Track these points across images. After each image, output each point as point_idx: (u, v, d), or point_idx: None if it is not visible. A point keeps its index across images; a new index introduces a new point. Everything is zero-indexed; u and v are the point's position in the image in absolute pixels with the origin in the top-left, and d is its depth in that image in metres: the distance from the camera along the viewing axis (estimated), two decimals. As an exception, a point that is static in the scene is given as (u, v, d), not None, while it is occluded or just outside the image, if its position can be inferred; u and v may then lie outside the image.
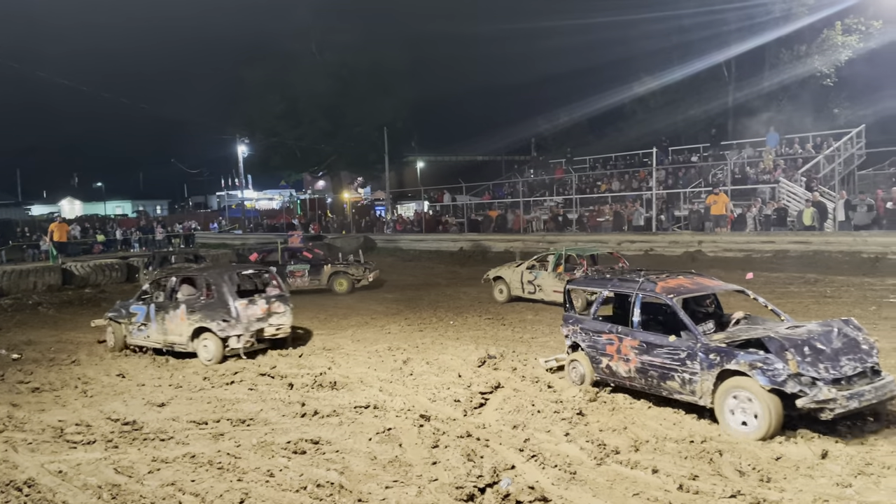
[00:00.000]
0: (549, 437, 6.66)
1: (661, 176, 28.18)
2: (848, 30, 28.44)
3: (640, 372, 7.54)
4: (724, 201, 22.08)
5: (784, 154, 26.85)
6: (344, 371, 9.64)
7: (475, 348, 10.70)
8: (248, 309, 10.93)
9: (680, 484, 5.34)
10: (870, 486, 5.14)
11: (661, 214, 24.78)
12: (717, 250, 20.87)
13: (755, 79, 30.91)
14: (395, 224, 34.97)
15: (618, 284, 8.46)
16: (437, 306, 15.74)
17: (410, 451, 6.38)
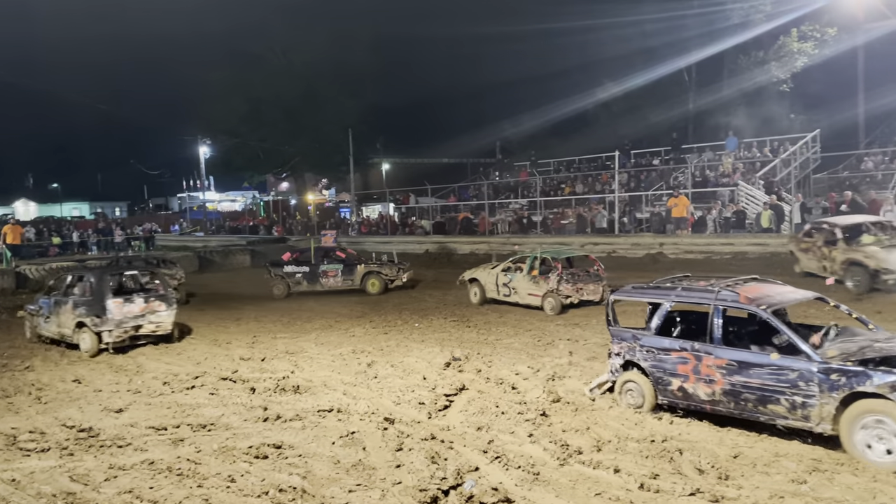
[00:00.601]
0: (513, 438, 6.69)
1: (623, 179, 28.54)
2: (803, 37, 29.15)
3: (730, 395, 6.61)
4: (684, 204, 22.45)
5: (743, 158, 27.40)
6: (307, 375, 9.56)
7: (440, 351, 10.70)
8: (123, 307, 11.83)
9: (641, 483, 5.41)
10: (824, 483, 5.27)
11: (624, 217, 25.09)
12: (678, 252, 21.20)
13: (715, 84, 31.49)
14: (360, 226, 34.80)
15: (686, 294, 7.47)
16: (402, 309, 15.69)
17: (374, 454, 6.35)
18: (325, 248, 20.68)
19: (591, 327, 12.29)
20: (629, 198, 26.61)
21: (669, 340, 7.33)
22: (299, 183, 44.23)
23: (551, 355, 10.22)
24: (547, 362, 9.68)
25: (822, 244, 15.33)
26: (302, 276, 18.85)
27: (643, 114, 32.85)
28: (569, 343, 11.09)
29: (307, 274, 18.84)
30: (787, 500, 4.97)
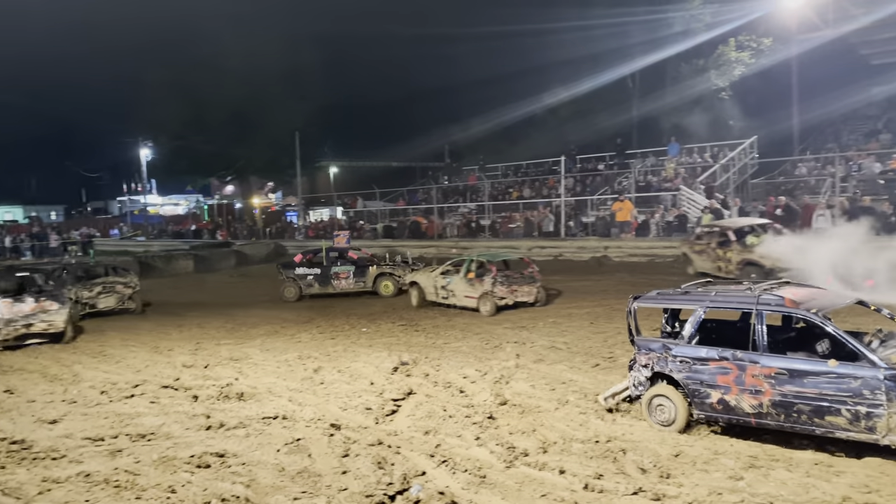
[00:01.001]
0: (461, 441, 6.70)
1: (569, 183, 28.93)
2: (741, 46, 30.09)
3: (781, 407, 6.14)
4: (628, 208, 22.92)
5: (684, 163, 28.10)
6: (252, 381, 9.39)
7: (388, 355, 10.65)
8: (12, 307, 12.36)
9: (585, 483, 5.48)
10: (759, 479, 5.43)
11: (570, 221, 25.45)
12: (622, 255, 21.60)
13: (658, 91, 32.24)
14: (307, 230, 34.42)
15: (722, 300, 7.02)
16: (349, 313, 15.58)
17: (320, 460, 6.28)
18: (338, 248, 20.26)
19: (538, 330, 12.42)
20: (575, 202, 27.01)
21: (707, 349, 6.76)
22: (244, 186, 43.52)
23: (499, 358, 10.28)
24: (494, 365, 9.73)
25: (716, 246, 16.50)
26: (313, 278, 18.49)
27: (589, 119, 33.38)
28: (516, 346, 11.17)
29: (319, 276, 18.48)
30: (725, 496, 5.11)
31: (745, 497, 5.09)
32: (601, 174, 30.25)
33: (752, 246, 15.67)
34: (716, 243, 16.68)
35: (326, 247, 19.42)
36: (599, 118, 32.91)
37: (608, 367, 9.36)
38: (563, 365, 9.63)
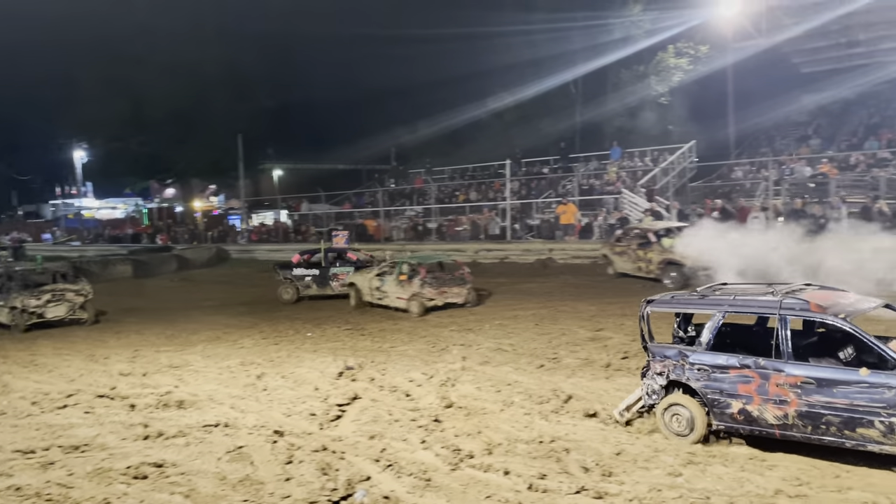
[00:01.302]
0: (406, 445, 6.68)
1: (514, 187, 29.21)
2: (679, 53, 30.93)
3: (808, 418, 5.80)
4: (572, 211, 23.28)
5: (626, 167, 28.70)
6: (192, 389, 9.17)
7: (333, 360, 10.55)
8: None
9: (530, 483, 5.52)
10: (697, 474, 5.57)
11: (515, 224, 25.71)
12: (566, 257, 21.90)
13: (599, 97, 32.86)
14: (250, 234, 33.84)
15: (742, 304, 6.60)
16: (294, 318, 15.38)
17: (262, 468, 6.18)
18: (337, 249, 19.87)
19: (485, 332, 12.48)
20: (521, 205, 27.29)
21: (726, 356, 6.38)
22: (186, 189, 42.50)
23: (445, 361, 10.29)
24: (440, 368, 9.74)
25: (637, 247, 17.37)
26: (311, 280, 18.10)
27: (533, 124, 33.78)
28: (462, 348, 11.21)
29: (317, 277, 18.08)
30: (665, 492, 5.22)
31: (684, 493, 5.21)
32: (546, 178, 30.63)
33: (670, 247, 16.52)
34: (636, 244, 17.56)
35: (325, 247, 19.12)
36: (544, 123, 33.35)
37: (553, 368, 9.48)
38: (509, 366, 9.70)
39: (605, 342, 10.97)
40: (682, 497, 5.13)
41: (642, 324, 7.23)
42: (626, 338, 11.18)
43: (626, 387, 8.18)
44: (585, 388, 8.31)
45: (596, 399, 7.83)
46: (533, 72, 32.56)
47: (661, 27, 30.09)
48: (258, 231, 34.07)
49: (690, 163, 28.09)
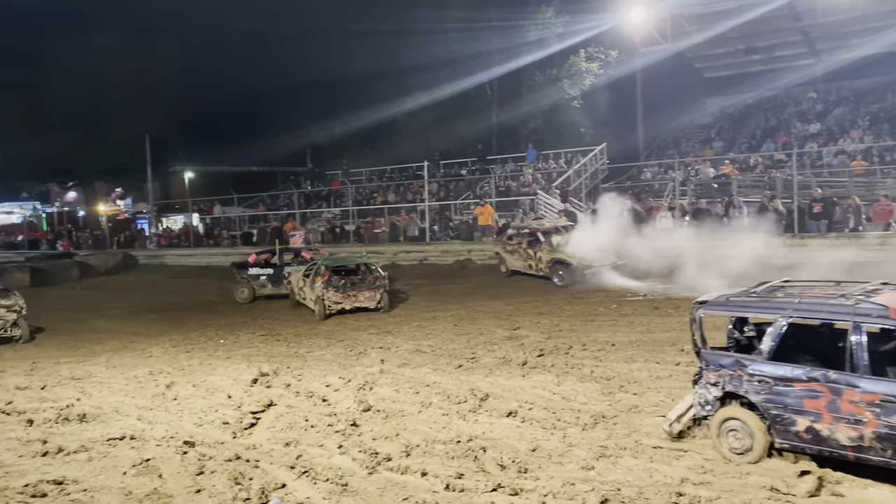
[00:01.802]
0: (322, 451, 6.58)
1: (433, 188, 29.31)
2: (590, 57, 31.84)
3: (888, 441, 5.09)
4: (489, 212, 23.54)
5: (541, 168, 29.28)
6: (96, 401, 8.73)
7: (247, 367, 10.28)
8: None
9: (447, 484, 5.53)
10: (609, 467, 5.72)
11: (434, 225, 25.79)
12: (484, 258, 22.11)
13: (515, 100, 33.44)
14: (159, 238, 32.55)
15: (809, 307, 5.86)
16: (206, 325, 14.91)
17: (172, 480, 5.94)
18: (293, 248, 19.88)
19: (403, 334, 12.46)
20: (439, 207, 27.39)
21: (791, 368, 5.67)
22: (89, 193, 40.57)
23: (363, 364, 10.20)
24: (358, 372, 9.64)
25: (527, 246, 18.04)
26: (266, 279, 18.13)
27: (451, 125, 34.03)
28: (381, 351, 11.14)
29: (272, 276, 18.07)
30: (578, 486, 5.34)
31: (596, 485, 5.34)
32: (463, 179, 30.87)
33: (559, 246, 17.37)
34: (526, 243, 18.17)
35: (280, 247, 19.19)
36: (460, 124, 33.66)
37: (471, 368, 9.54)
38: (428, 368, 9.70)
39: (522, 340, 11.14)
40: (595, 490, 5.25)
41: (694, 328, 6.43)
42: (541, 336, 11.40)
43: (543, 384, 8.33)
44: (503, 386, 8.40)
45: (513, 397, 7.93)
46: (449, 72, 32.82)
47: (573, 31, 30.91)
48: (167, 235, 32.80)
49: (602, 164, 28.91)
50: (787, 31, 30.66)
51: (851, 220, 18.05)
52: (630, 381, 8.26)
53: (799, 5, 27.49)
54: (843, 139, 26.23)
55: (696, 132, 33.41)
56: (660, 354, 9.53)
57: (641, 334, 11.04)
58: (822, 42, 31.94)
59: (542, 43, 31.29)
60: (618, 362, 9.27)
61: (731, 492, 5.12)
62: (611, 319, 12.61)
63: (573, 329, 11.89)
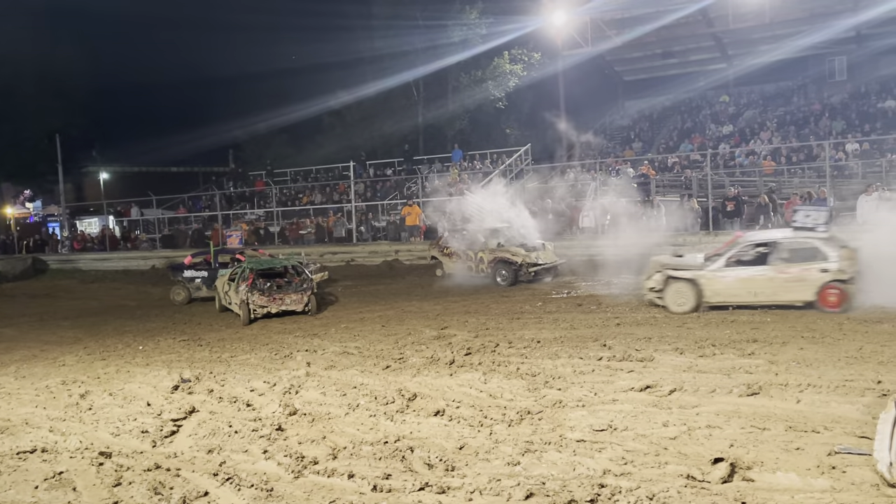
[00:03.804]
0: (247, 456, 6.44)
1: (360, 189, 29.17)
2: (514, 59, 32.36)
3: None
4: (416, 213, 23.60)
5: (467, 168, 29.51)
6: (3, 414, 8.29)
7: (167, 373, 9.96)
8: None
9: (374, 485, 5.51)
10: (534, 462, 5.82)
11: (362, 226, 25.63)
12: (412, 258, 22.17)
13: (441, 100, 33.61)
14: (72, 242, 31.15)
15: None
16: (123, 331, 14.36)
17: (87, 493, 5.71)
18: (229, 250, 19.43)
19: (330, 336, 12.33)
20: (366, 207, 27.26)
21: None
22: (-6, 194, 38.40)
23: (289, 368, 10.04)
24: (284, 375, 9.48)
25: (466, 248, 18.13)
26: (201, 281, 17.90)
27: (376, 125, 33.94)
28: (307, 354, 10.99)
29: (206, 279, 17.77)
30: (504, 481, 5.41)
31: (521, 480, 5.43)
32: (390, 179, 30.83)
33: (498, 247, 17.50)
34: (466, 245, 18.19)
35: (215, 248, 18.93)
36: (386, 124, 33.61)
37: (399, 369, 9.53)
38: (355, 370, 9.64)
39: (450, 340, 11.21)
40: (520, 485, 5.33)
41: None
42: (469, 334, 11.50)
43: (470, 382, 8.40)
44: (430, 385, 8.43)
45: (440, 396, 7.96)
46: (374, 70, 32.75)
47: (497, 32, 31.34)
48: (81, 239, 31.41)
49: (527, 165, 29.39)
50: (700, 37, 31.97)
51: (762, 217, 18.95)
52: (554, 377, 8.43)
53: (712, 12, 28.71)
54: (754, 140, 27.52)
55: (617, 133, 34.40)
56: (583, 350, 9.76)
57: (566, 331, 11.28)
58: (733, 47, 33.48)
59: (467, 44, 31.59)
60: (543, 359, 9.44)
61: (650, 481, 5.30)
62: (536, 317, 12.84)
63: (500, 327, 12.03)
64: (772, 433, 6.13)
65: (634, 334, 10.64)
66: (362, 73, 33.10)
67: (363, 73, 33.05)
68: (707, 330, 10.64)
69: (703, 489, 5.12)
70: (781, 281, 11.72)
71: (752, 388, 7.36)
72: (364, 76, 33.00)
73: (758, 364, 8.39)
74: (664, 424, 6.51)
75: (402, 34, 31.15)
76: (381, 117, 34.08)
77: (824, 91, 31.22)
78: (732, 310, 12.00)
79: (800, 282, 11.60)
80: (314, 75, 33.62)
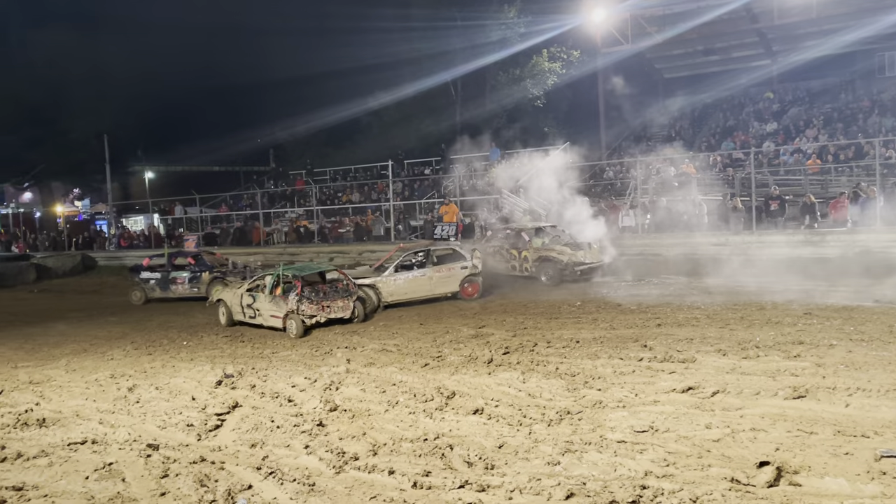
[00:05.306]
0: (289, 451, 6.55)
1: (397, 188, 29.31)
2: (553, 57, 32.12)
3: None
4: (454, 211, 23.59)
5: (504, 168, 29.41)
6: (55, 405, 8.56)
7: (211, 368, 10.17)
8: None
9: (414, 481, 5.55)
10: (574, 462, 5.80)
11: (399, 224, 25.76)
12: (449, 257, 22.18)
13: (479, 99, 33.55)
14: (119, 239, 31.94)
15: None
16: (168, 326, 14.69)
17: (135, 484, 5.86)
18: (183, 253, 20.31)
19: (369, 334, 12.43)
20: (404, 206, 27.38)
21: None
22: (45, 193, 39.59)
23: (329, 364, 10.16)
24: (324, 372, 9.60)
25: (510, 247, 18.01)
26: (155, 283, 18.78)
27: (414, 124, 34.04)
28: (347, 351, 11.10)
29: (160, 280, 18.69)
30: (544, 481, 5.40)
31: (562, 480, 5.41)
32: (428, 178, 30.90)
33: (543, 245, 17.27)
34: (509, 244, 18.08)
35: (169, 251, 19.78)
36: (424, 123, 33.70)
37: (437, 367, 9.57)
38: (394, 367, 9.71)
39: (488, 339, 11.21)
40: (561, 484, 5.31)
41: None
42: (507, 333, 11.48)
43: (508, 381, 8.40)
44: (469, 384, 8.45)
45: (479, 395, 7.97)
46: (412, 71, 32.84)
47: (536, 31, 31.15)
48: (127, 236, 32.20)
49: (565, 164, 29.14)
50: (744, 33, 31.32)
51: (807, 217, 18.52)
52: (594, 377, 8.38)
53: (756, 7, 28.12)
54: (799, 138, 26.89)
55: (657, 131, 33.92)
56: (623, 350, 9.67)
57: (605, 331, 11.19)
58: (778, 43, 32.73)
59: (505, 43, 31.47)
60: (582, 359, 9.39)
61: (693, 483, 5.23)
62: (575, 316, 12.76)
63: (538, 326, 11.99)
64: (819, 437, 6.00)
65: (675, 335, 10.51)
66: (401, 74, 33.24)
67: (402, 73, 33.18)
68: (750, 331, 10.45)
69: (749, 493, 5.04)
70: (438, 279, 15.37)
71: (799, 391, 7.22)
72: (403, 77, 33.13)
73: (804, 367, 8.22)
74: (707, 426, 6.42)
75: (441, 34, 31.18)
76: (419, 117, 34.18)
77: (873, 87, 30.33)
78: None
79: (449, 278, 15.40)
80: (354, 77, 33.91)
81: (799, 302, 12.65)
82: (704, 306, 12.91)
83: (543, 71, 31.99)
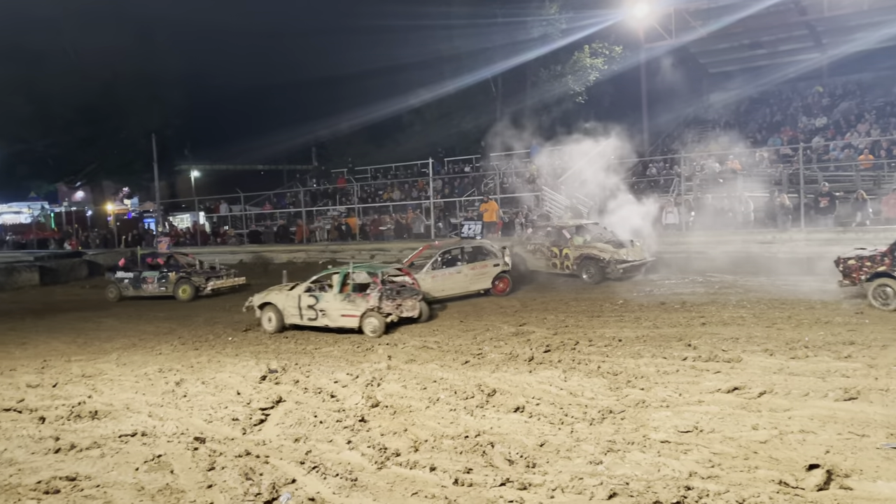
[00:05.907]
0: (332, 446, 6.63)
1: (437, 185, 29.37)
2: (595, 53, 31.77)
3: None
4: (494, 208, 23.56)
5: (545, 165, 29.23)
6: (107, 398, 8.81)
7: (255, 364, 10.35)
8: None
9: (455, 478, 5.57)
10: (617, 461, 5.75)
11: (440, 222, 25.83)
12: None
13: (519, 95, 33.37)
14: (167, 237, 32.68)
15: None
16: (214, 322, 14.99)
17: (183, 476, 6.00)
18: (157, 254, 21.26)
19: (410, 331, 12.49)
20: (444, 203, 27.43)
21: None
22: (96, 192, 40.69)
23: (370, 360, 10.25)
24: (366, 368, 9.69)
25: (551, 244, 17.84)
26: (128, 282, 19.79)
27: (454, 122, 34.01)
28: (388, 348, 11.19)
29: (132, 279, 19.72)
30: (586, 480, 5.36)
31: (604, 479, 5.37)
32: (468, 176, 30.90)
33: (584, 243, 17.12)
34: (549, 242, 17.95)
35: (141, 252, 20.92)
36: (465, 121, 33.64)
37: (477, 364, 9.58)
38: (435, 364, 9.74)
39: (528, 336, 11.17)
40: (603, 484, 5.27)
41: None
42: (548, 331, 11.43)
43: (549, 379, 8.37)
44: (510, 381, 8.44)
45: (520, 392, 7.96)
46: (453, 68, 32.79)
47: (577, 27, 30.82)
48: (174, 234, 32.95)
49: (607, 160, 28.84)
50: (791, 25, 30.54)
51: (858, 214, 18.00)
52: (637, 377, 8.29)
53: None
54: (850, 133, 26.12)
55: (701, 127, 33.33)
56: (667, 350, 9.55)
57: (648, 330, 11.06)
58: (828, 36, 31.83)
59: (546, 39, 31.22)
60: (625, 357, 9.29)
61: (739, 485, 5.14)
62: (617, 315, 12.63)
63: (579, 325, 11.91)
64: (872, 440, 5.84)
65: (720, 334, 10.33)
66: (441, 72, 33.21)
67: (442, 71, 33.16)
68: (798, 331, 10.22)
69: (797, 496, 4.93)
70: (472, 275, 15.78)
71: (850, 393, 7.03)
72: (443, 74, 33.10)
73: (856, 368, 8.00)
74: (754, 428, 6.30)
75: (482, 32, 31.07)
76: (460, 114, 34.14)
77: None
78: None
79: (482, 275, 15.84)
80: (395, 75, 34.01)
81: (850, 301, 12.32)
82: (750, 305, 12.65)
83: (585, 67, 31.66)
